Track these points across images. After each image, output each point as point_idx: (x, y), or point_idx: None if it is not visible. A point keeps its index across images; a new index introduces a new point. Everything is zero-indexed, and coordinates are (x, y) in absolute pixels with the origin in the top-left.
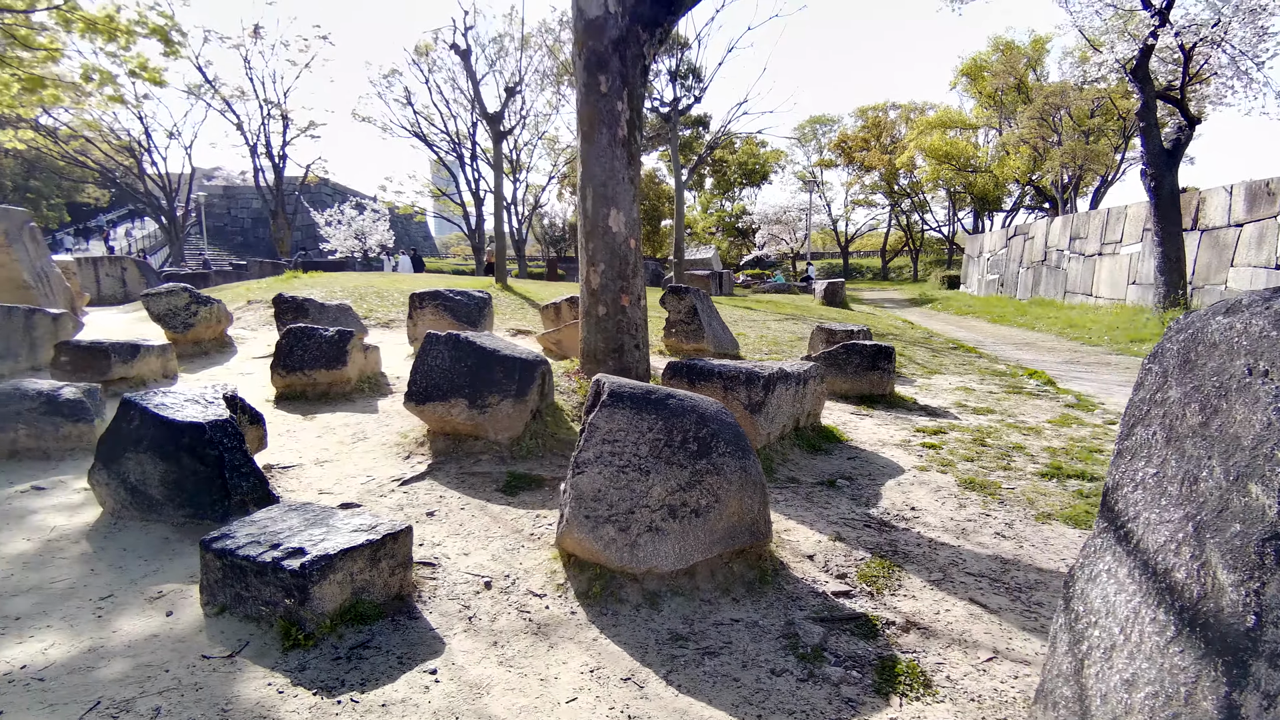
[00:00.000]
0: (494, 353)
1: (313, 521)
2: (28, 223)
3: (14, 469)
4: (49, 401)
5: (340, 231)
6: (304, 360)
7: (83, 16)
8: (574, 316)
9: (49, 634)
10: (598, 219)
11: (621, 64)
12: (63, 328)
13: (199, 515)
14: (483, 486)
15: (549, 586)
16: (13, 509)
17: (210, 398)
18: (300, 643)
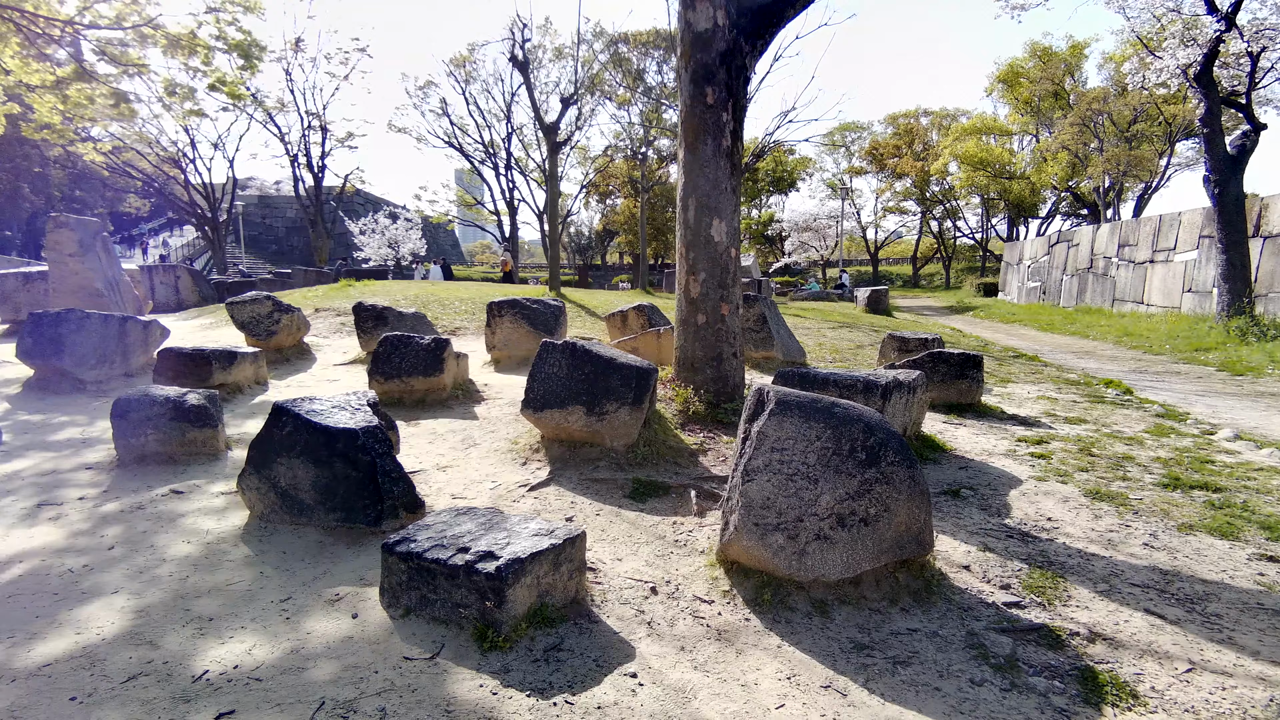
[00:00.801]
0: (611, 360)
1: (488, 526)
2: (100, 232)
3: (146, 473)
4: (176, 407)
5: (374, 240)
6: (401, 367)
7: (165, 34)
8: (641, 325)
9: (247, 635)
10: (700, 229)
11: (728, 76)
12: (151, 335)
13: (350, 519)
14: (609, 493)
15: (714, 593)
16: (161, 512)
17: (356, 404)
18: (498, 645)
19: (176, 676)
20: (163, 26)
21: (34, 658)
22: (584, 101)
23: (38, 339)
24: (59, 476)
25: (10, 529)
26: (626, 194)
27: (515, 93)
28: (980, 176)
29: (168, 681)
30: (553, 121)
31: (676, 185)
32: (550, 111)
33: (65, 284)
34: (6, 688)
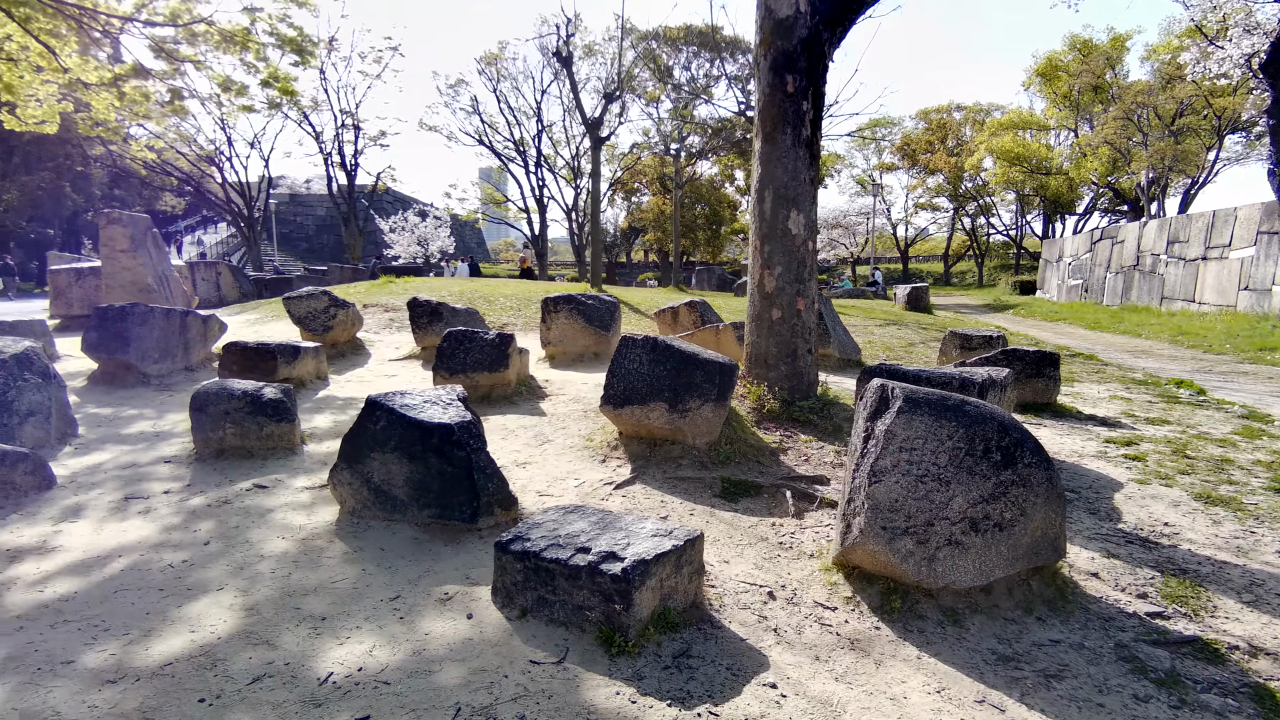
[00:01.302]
0: (694, 356)
1: (602, 525)
2: (150, 229)
3: (226, 467)
4: (254, 401)
5: (404, 238)
6: (466, 363)
7: (219, 30)
8: (693, 322)
9: (364, 635)
10: (776, 221)
11: (808, 63)
12: (210, 330)
13: (445, 516)
14: (698, 492)
15: (835, 599)
16: (249, 507)
17: (448, 400)
18: (625, 650)
19: (301, 679)
20: (216, 24)
21: (154, 656)
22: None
23: (103, 333)
24: (139, 470)
25: (102, 522)
26: (655, 191)
27: (545, 89)
28: (1016, 172)
29: (293, 684)
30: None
31: (752, 176)
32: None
33: (117, 279)
34: (133, 687)
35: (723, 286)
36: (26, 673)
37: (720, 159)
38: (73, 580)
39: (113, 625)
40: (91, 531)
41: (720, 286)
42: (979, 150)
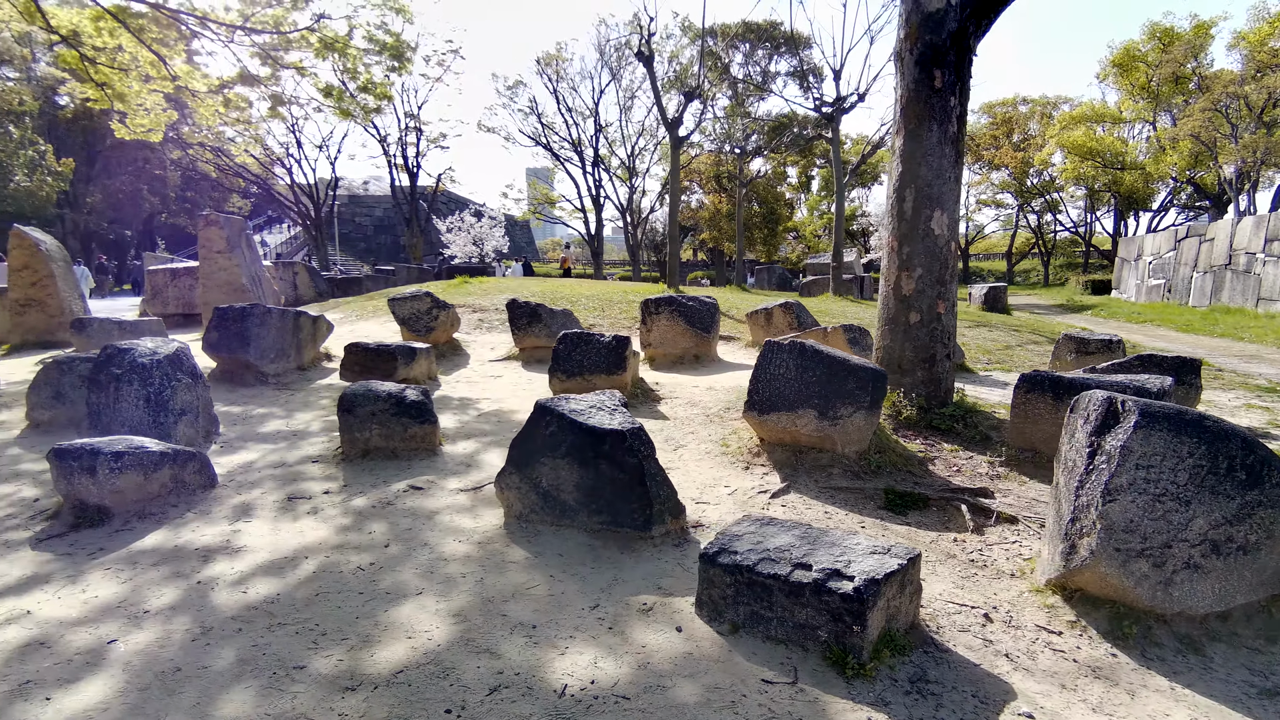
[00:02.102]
0: (845, 361)
1: (811, 539)
2: (245, 229)
3: (374, 467)
4: (398, 403)
5: (460, 238)
6: (583, 365)
7: (320, 38)
8: (789, 324)
9: (581, 646)
10: (918, 221)
11: (956, 58)
12: (319, 330)
13: (616, 523)
14: (860, 503)
15: (1057, 623)
16: (412, 509)
17: (612, 405)
18: (860, 672)
19: (538, 691)
20: (318, 30)
21: (382, 664)
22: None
23: (223, 333)
24: (290, 469)
25: (276, 522)
26: (710, 189)
27: (604, 90)
28: (1088, 167)
29: (531, 696)
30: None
31: (890, 174)
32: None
33: (213, 279)
34: (374, 695)
35: (783, 286)
36: (263, 676)
37: (772, 156)
38: (270, 581)
39: (328, 629)
40: (269, 531)
41: (780, 286)
42: (1050, 144)
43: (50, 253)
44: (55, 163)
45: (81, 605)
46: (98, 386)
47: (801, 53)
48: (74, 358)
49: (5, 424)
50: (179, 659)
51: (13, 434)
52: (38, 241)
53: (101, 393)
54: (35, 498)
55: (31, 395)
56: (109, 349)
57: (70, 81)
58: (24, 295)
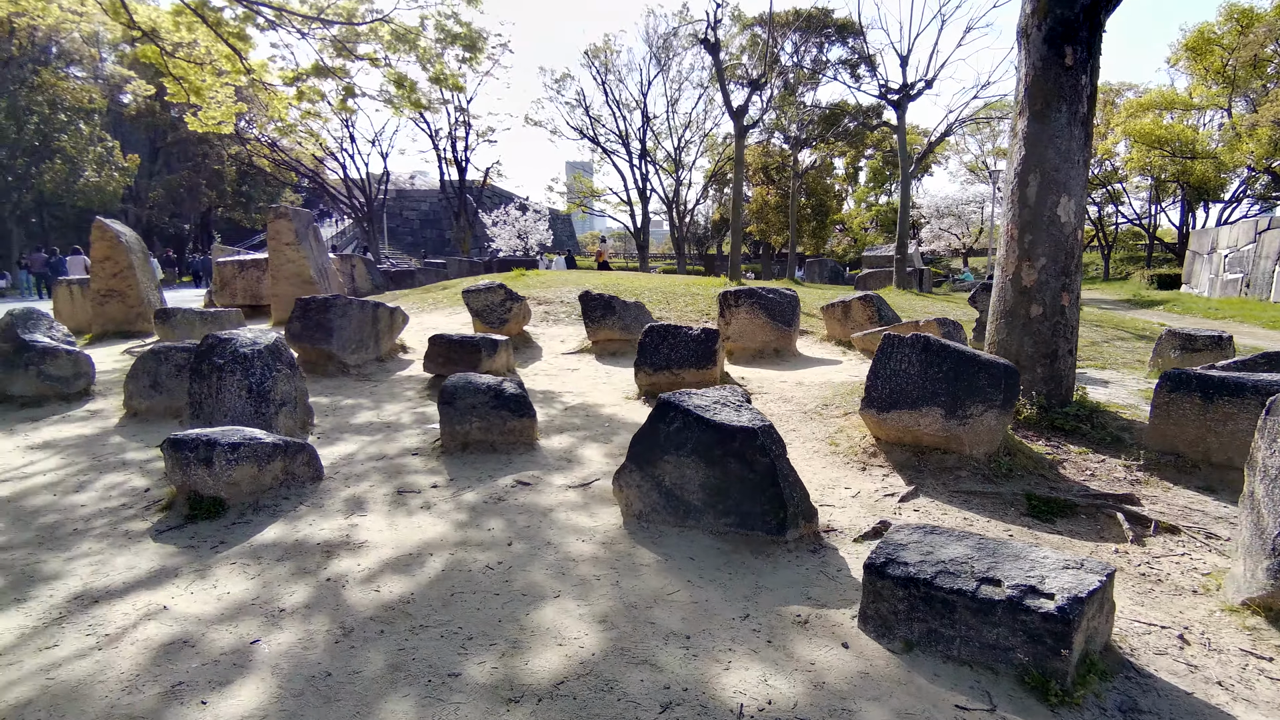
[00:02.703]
0: (975, 357)
1: (989, 551)
2: (312, 222)
3: (475, 461)
4: (497, 396)
5: (505, 231)
6: (670, 359)
7: (391, 30)
8: (868, 318)
9: (744, 660)
10: (1042, 208)
11: (1089, 34)
12: (396, 321)
13: (746, 525)
14: (998, 509)
15: (1264, 647)
16: (525, 505)
17: (737, 401)
18: (1065, 699)
19: (713, 710)
20: (391, 22)
21: (539, 673)
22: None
23: (306, 324)
24: (391, 462)
25: (391, 516)
26: (758, 181)
27: (651, 81)
28: (1156, 156)
29: (707, 715)
30: (740, 105)
31: (1010, 158)
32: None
33: (282, 271)
34: (539, 710)
35: (834, 279)
36: (418, 684)
37: (821, 147)
38: (401, 580)
39: (473, 633)
40: (386, 526)
41: (832, 279)
42: (1114, 133)
43: (130, 244)
44: (122, 158)
45: (216, 602)
46: (200, 376)
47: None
48: (170, 347)
49: (102, 413)
50: (327, 663)
51: (111, 423)
52: (119, 234)
53: (204, 383)
54: (146, 487)
55: (129, 384)
56: (210, 339)
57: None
58: (105, 286)
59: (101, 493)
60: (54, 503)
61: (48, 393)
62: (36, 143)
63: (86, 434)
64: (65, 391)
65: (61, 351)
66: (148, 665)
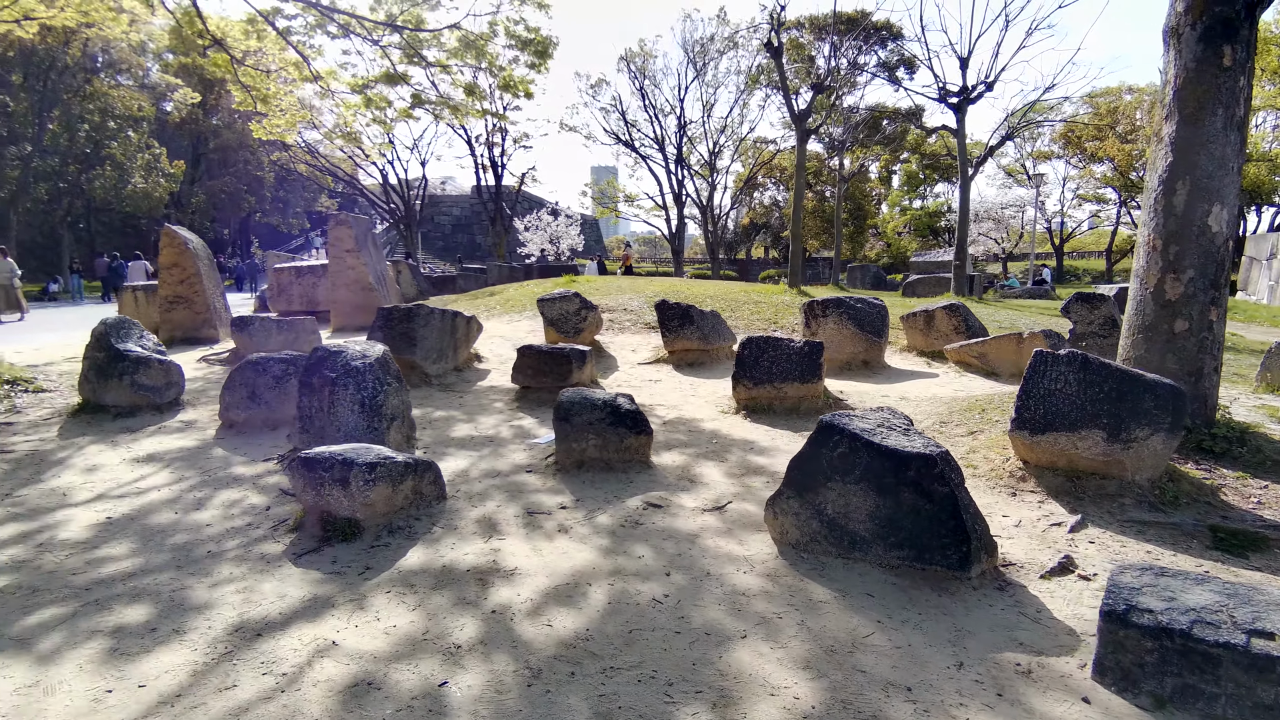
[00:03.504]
0: (1139, 376)
1: (1236, 596)
2: (371, 229)
3: (593, 480)
4: (613, 412)
5: (537, 236)
6: (772, 372)
7: (459, 37)
8: (953, 329)
9: (980, 716)
10: (1192, 217)
11: (1249, 31)
12: (472, 331)
13: (922, 560)
14: (1183, 542)
15: None
16: (667, 529)
17: (903, 424)
18: None
19: None
20: (460, 28)
21: None
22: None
23: (389, 333)
24: (508, 480)
25: (531, 541)
26: (792, 186)
27: (688, 86)
28: None
29: None
30: (803, 109)
31: (1153, 164)
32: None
33: (342, 278)
34: None
35: (877, 285)
36: None
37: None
38: (569, 613)
39: (671, 678)
40: (530, 551)
41: (875, 285)
42: None
43: (196, 251)
44: (168, 165)
45: (384, 636)
46: (309, 390)
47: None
48: (268, 358)
49: (196, 424)
50: (528, 711)
51: (208, 434)
52: (186, 240)
53: (314, 396)
54: (265, 505)
55: (226, 395)
56: (320, 351)
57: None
58: (172, 293)
59: (222, 511)
60: (178, 521)
61: (140, 402)
62: (88, 150)
63: (187, 446)
64: (157, 401)
65: (154, 361)
66: (339, 711)
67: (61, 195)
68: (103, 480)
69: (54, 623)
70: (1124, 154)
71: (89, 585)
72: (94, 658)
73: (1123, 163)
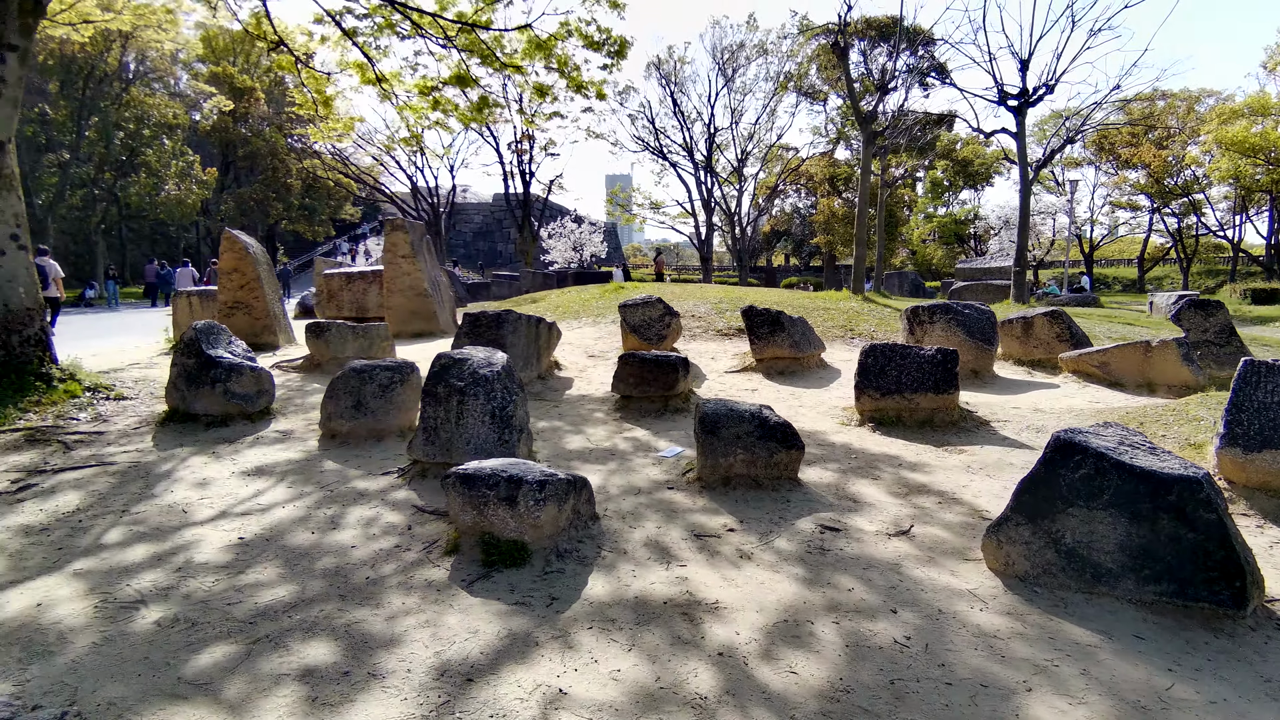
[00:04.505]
0: None
1: None
2: (425, 235)
3: (744, 498)
4: (762, 425)
5: (560, 243)
6: (901, 382)
7: (530, 38)
8: (1055, 336)
9: None
10: None
11: None
12: (553, 338)
13: (1184, 595)
14: None
15: None
16: (860, 558)
17: (1146, 443)
18: None
19: None
20: (530, 28)
21: None
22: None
23: (476, 340)
24: (652, 497)
25: (716, 569)
26: (824, 193)
27: (718, 93)
28: (1247, 165)
29: None
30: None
31: None
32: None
33: (398, 283)
34: None
35: (916, 292)
36: None
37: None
38: (806, 656)
39: None
40: (720, 580)
41: (914, 292)
42: (1206, 140)
43: (257, 256)
44: (201, 172)
45: (613, 684)
46: (435, 400)
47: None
48: (373, 365)
49: (293, 434)
50: None
51: (310, 445)
52: (247, 245)
53: (439, 406)
54: (403, 524)
55: (329, 404)
56: (444, 359)
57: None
58: (232, 298)
59: (360, 530)
60: (318, 542)
61: (233, 411)
62: (123, 157)
63: (293, 459)
64: (249, 410)
65: (246, 368)
66: None
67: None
68: (219, 495)
69: (230, 663)
70: (1160, 160)
71: (251, 618)
72: (292, 708)
73: (1159, 169)
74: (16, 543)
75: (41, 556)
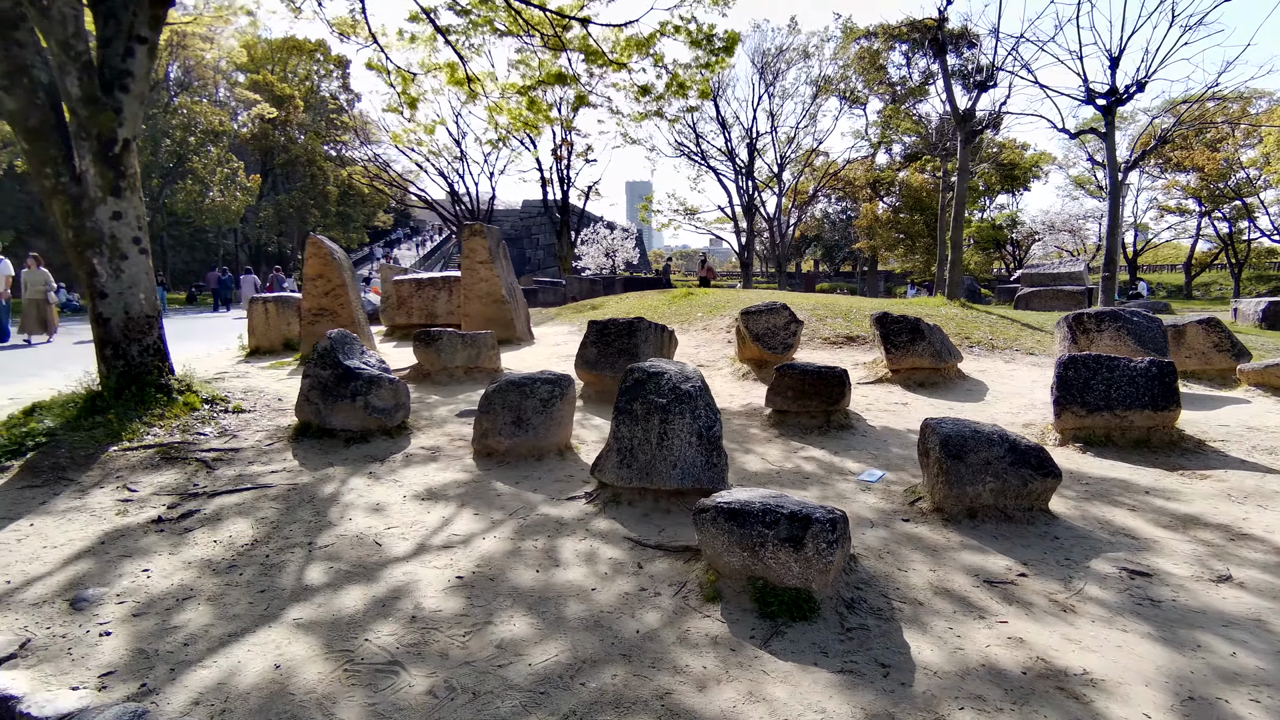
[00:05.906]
0: None
1: None
2: (501, 240)
3: (1013, 534)
4: (1013, 449)
5: (593, 249)
6: (1111, 397)
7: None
8: (1212, 345)
9: None
10: None
11: None
12: (673, 346)
13: None
14: None
15: None
16: (1204, 608)
17: None
18: None
19: None
20: (634, 23)
21: None
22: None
23: (604, 349)
24: (894, 532)
25: (1042, 623)
26: (865, 198)
27: (761, 97)
28: None
29: None
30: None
31: None
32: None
33: (475, 289)
34: None
35: (973, 297)
36: None
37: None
38: None
39: None
40: (1068, 643)
41: (971, 297)
42: (1268, 140)
43: (341, 262)
44: (245, 179)
45: None
46: (631, 418)
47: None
48: (533, 379)
49: (442, 451)
50: None
51: (467, 463)
52: (331, 250)
53: (637, 425)
54: (631, 562)
55: (484, 420)
56: (638, 372)
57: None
58: (317, 305)
59: (587, 568)
60: (547, 583)
61: (372, 426)
62: (171, 164)
63: (459, 480)
64: (387, 424)
65: (385, 380)
66: None
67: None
68: (404, 524)
69: None
70: (1214, 162)
71: (537, 686)
72: None
73: (1212, 171)
74: (210, 583)
75: (247, 602)
